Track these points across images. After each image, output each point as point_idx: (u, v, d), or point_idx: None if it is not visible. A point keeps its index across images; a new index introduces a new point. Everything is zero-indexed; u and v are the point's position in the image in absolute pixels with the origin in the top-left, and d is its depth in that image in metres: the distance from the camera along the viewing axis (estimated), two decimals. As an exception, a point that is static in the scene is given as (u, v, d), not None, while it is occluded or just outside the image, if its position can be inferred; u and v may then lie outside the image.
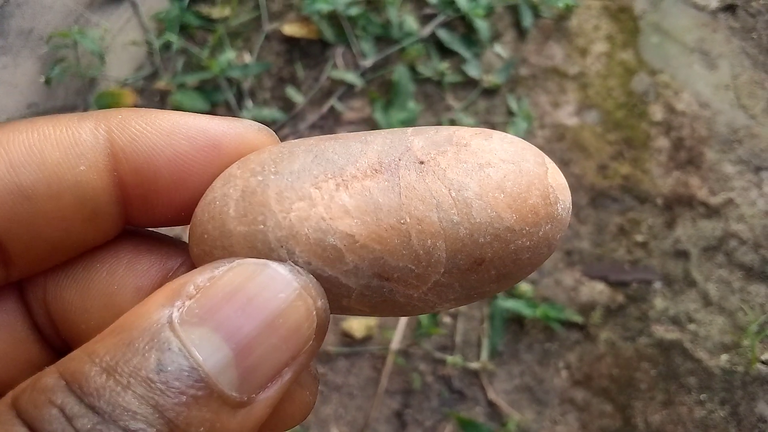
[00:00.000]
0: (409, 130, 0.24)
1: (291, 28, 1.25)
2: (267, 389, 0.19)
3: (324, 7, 1.22)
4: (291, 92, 1.19)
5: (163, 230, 0.26)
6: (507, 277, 0.24)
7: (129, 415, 0.17)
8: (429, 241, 0.22)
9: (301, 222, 0.21)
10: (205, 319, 0.18)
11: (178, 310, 0.18)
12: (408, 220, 0.22)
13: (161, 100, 1.19)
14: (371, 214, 0.22)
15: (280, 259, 0.21)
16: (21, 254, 0.22)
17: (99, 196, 0.22)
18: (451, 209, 0.22)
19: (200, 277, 0.19)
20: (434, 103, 1.21)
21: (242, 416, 0.18)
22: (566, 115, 1.20)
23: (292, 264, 0.21)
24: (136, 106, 1.18)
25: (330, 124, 1.18)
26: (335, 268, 0.22)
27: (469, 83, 1.23)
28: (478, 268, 0.23)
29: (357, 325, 1.01)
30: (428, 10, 1.29)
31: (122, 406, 0.17)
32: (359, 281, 0.22)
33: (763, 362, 1.01)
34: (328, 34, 1.24)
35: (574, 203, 1.13)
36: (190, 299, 0.19)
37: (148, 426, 0.17)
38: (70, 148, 0.21)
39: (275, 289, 0.19)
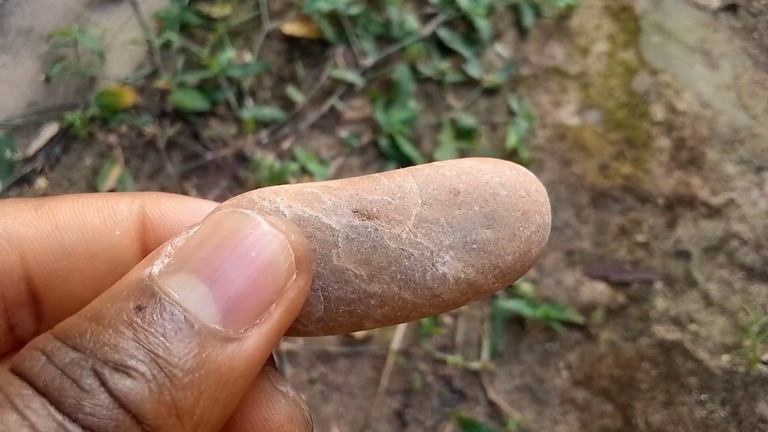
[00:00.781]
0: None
1: (291, 27, 1.25)
2: (257, 326, 0.19)
3: (324, 6, 1.21)
4: (291, 91, 1.19)
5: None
6: (496, 220, 0.24)
7: (111, 348, 0.17)
8: (398, 178, 0.24)
9: (281, 186, 0.25)
10: (182, 267, 0.20)
11: (157, 267, 0.20)
12: (376, 175, 0.25)
13: (161, 99, 1.19)
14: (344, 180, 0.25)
15: (261, 210, 0.23)
16: (53, 309, 0.24)
17: (129, 259, 0.24)
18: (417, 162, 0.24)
19: (177, 238, 0.21)
20: (435, 102, 1.21)
21: (233, 350, 0.19)
22: (567, 115, 1.20)
23: (262, 210, 0.23)
24: (136, 105, 1.18)
25: (330, 123, 1.18)
26: (315, 207, 0.23)
27: (470, 83, 1.22)
28: (457, 199, 0.24)
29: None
30: (429, 10, 1.28)
31: (103, 342, 0.18)
32: (341, 220, 0.23)
33: (764, 363, 1.01)
34: (329, 33, 1.24)
35: (575, 203, 1.13)
36: (169, 257, 0.20)
37: (129, 358, 0.17)
38: (108, 216, 0.24)
39: (245, 228, 0.20)
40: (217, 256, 0.20)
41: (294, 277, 0.21)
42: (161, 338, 0.18)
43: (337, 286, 0.23)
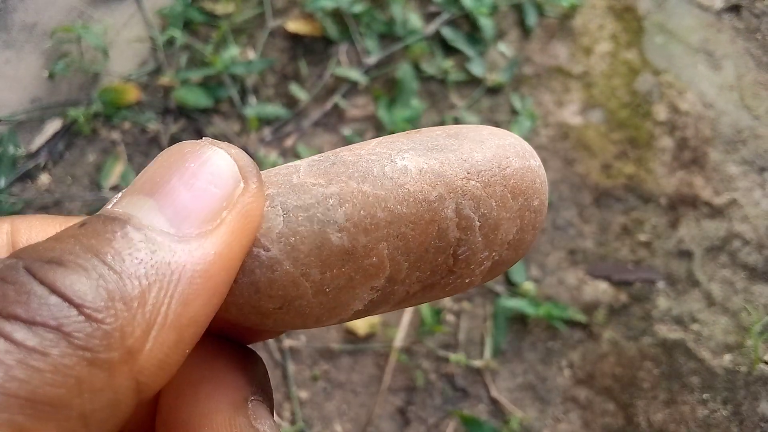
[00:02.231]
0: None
1: (295, 25, 1.25)
2: (211, 231, 0.20)
3: (328, 4, 1.21)
4: (295, 89, 1.19)
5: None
6: (461, 135, 0.25)
7: (47, 249, 0.17)
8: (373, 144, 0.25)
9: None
10: (127, 192, 0.20)
11: (108, 205, 0.20)
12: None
13: (165, 96, 1.19)
14: None
15: None
16: None
17: None
18: None
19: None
20: (438, 101, 1.21)
21: (185, 249, 0.19)
22: (570, 115, 1.20)
23: None
24: (140, 101, 1.18)
25: (333, 121, 1.18)
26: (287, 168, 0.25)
27: (473, 82, 1.22)
28: (419, 133, 0.25)
29: (360, 322, 1.01)
30: (433, 8, 1.29)
31: (41, 247, 0.18)
32: (305, 161, 0.24)
33: (766, 362, 1.01)
34: (332, 31, 1.24)
35: (578, 202, 1.13)
36: (117, 197, 0.21)
37: (66, 254, 0.17)
38: None
39: (184, 149, 0.21)
40: (161, 175, 0.20)
41: (241, 184, 0.21)
42: (104, 239, 0.18)
43: (296, 197, 0.23)
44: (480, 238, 0.24)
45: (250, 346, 0.26)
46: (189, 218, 0.19)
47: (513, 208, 0.24)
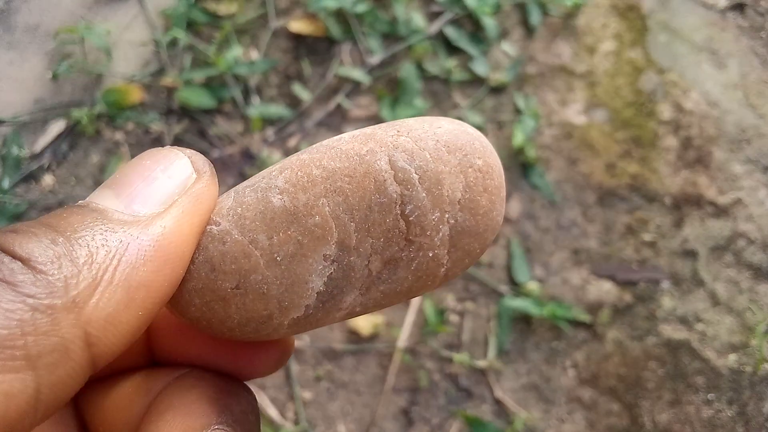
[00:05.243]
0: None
1: (298, 25, 1.25)
2: (166, 211, 0.22)
3: (331, 4, 1.21)
4: (298, 89, 1.19)
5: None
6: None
7: (17, 225, 0.20)
8: None
9: None
10: (94, 191, 0.23)
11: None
12: None
13: (168, 97, 1.19)
14: None
15: None
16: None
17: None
18: None
19: None
20: (441, 100, 1.20)
21: (141, 225, 0.21)
22: (574, 114, 1.20)
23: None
24: (143, 102, 1.18)
25: (337, 121, 1.18)
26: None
27: (477, 81, 1.22)
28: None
29: (363, 322, 1.01)
30: (436, 8, 1.28)
31: (10, 226, 0.20)
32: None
33: (771, 362, 1.00)
34: (335, 31, 1.24)
35: (582, 202, 1.12)
36: None
37: (29, 227, 0.19)
38: None
39: (145, 152, 0.24)
40: (122, 173, 0.23)
41: (194, 175, 0.24)
42: (60, 217, 0.20)
43: (246, 181, 0.25)
44: (424, 194, 0.24)
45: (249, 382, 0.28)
46: (141, 200, 0.22)
47: (451, 162, 0.24)
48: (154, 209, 0.22)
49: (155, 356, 0.28)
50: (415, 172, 0.24)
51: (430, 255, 0.24)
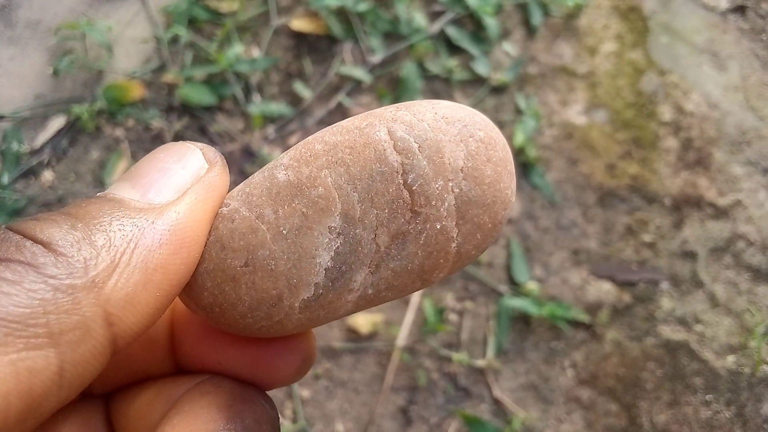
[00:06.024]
0: None
1: (299, 23, 1.25)
2: (180, 198, 0.23)
3: (333, 3, 1.21)
4: (299, 87, 1.19)
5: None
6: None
7: (38, 215, 0.20)
8: None
9: None
10: (111, 185, 0.24)
11: None
12: None
13: (169, 94, 1.19)
14: None
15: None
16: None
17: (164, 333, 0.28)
18: None
19: None
20: (442, 100, 1.20)
21: (157, 212, 0.22)
22: (575, 114, 1.20)
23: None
24: (144, 99, 1.18)
25: (337, 119, 1.18)
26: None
27: (478, 81, 1.22)
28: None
29: (363, 320, 1.01)
30: (437, 7, 1.28)
31: (31, 216, 0.21)
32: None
33: (769, 364, 1.01)
34: (337, 29, 1.24)
35: (582, 202, 1.12)
36: None
37: (50, 215, 0.20)
38: None
39: (159, 147, 0.25)
40: (137, 166, 0.24)
41: (206, 166, 0.25)
42: (79, 207, 0.21)
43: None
44: (425, 162, 0.24)
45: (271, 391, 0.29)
46: (156, 189, 0.23)
47: (450, 131, 0.24)
48: (169, 197, 0.23)
49: (180, 364, 0.29)
50: (415, 141, 0.24)
51: (438, 227, 0.24)
